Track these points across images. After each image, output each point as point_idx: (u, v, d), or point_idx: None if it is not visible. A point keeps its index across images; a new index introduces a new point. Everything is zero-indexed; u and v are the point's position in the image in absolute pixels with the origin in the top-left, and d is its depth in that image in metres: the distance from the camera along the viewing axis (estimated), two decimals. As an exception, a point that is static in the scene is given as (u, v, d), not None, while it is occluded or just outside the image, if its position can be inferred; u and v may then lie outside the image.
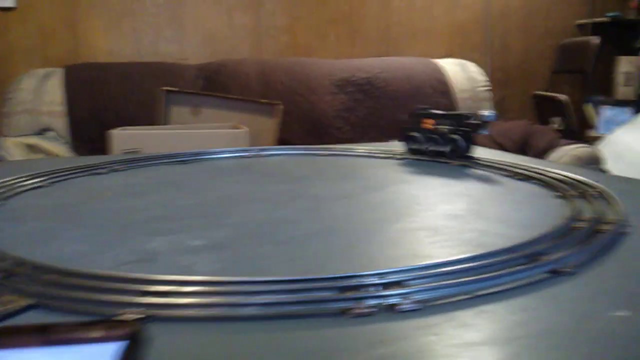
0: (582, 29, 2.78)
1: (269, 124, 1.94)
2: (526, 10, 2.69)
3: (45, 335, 0.30)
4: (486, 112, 0.86)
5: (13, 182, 0.73)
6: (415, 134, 0.93)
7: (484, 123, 0.85)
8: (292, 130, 2.09)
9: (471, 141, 0.87)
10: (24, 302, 0.36)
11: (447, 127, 0.88)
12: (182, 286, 0.38)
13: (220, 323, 0.35)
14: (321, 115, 2.12)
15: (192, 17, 2.30)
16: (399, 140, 0.98)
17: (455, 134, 0.86)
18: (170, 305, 0.36)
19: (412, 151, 0.94)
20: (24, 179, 0.75)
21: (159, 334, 0.33)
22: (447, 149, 0.87)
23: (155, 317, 0.35)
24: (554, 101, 2.33)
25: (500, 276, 0.39)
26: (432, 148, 0.89)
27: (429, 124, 0.91)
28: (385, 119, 2.17)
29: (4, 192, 0.69)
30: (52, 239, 0.52)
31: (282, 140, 2.02)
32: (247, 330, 0.34)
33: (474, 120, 0.86)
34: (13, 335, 0.30)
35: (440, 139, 0.88)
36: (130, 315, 0.34)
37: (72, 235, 0.53)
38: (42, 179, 0.75)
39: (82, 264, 0.44)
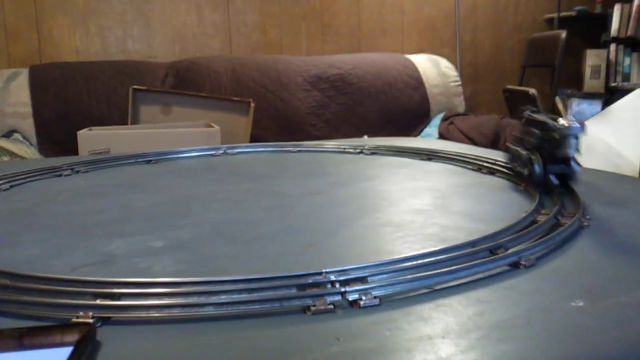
0: (550, 23, 2.83)
1: (242, 122, 1.93)
2: (495, 6, 2.73)
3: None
4: (568, 122, 0.60)
5: (-30, 185, 0.71)
6: (516, 148, 0.68)
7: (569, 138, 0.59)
8: (265, 128, 2.08)
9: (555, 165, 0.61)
10: (-29, 309, 0.35)
11: (532, 139, 0.63)
12: (139, 288, 0.37)
13: (179, 324, 0.34)
14: (294, 113, 2.11)
15: (160, 14, 2.26)
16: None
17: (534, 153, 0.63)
18: (125, 307, 0.35)
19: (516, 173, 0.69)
20: (-19, 182, 0.72)
21: (114, 337, 0.32)
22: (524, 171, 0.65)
23: (109, 320, 0.34)
24: (524, 95, 2.37)
25: (460, 270, 0.39)
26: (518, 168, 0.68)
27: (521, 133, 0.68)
28: (358, 115, 2.17)
29: (-41, 197, 0.66)
30: (6, 244, 0.50)
31: (255, 138, 2.00)
32: (207, 331, 0.33)
33: (558, 132, 0.59)
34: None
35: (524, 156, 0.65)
36: (82, 319, 0.33)
37: (28, 239, 0.51)
38: (1, 182, 0.73)
39: (37, 268, 0.43)
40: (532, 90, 2.38)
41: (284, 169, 0.88)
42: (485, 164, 0.78)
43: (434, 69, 2.27)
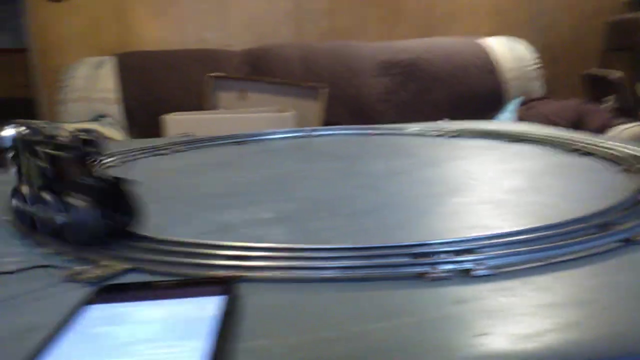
0: (631, 5, 2.66)
1: (314, 107, 1.96)
2: (575, -14, 2.60)
3: (151, 291, 0.33)
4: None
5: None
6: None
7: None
8: (337, 114, 2.10)
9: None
10: (124, 265, 0.39)
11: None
12: (262, 252, 0.40)
13: (302, 283, 0.37)
14: (365, 99, 2.12)
15: (235, 3, 2.33)
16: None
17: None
18: (253, 267, 0.38)
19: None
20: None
21: (244, 293, 0.35)
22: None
23: (241, 277, 0.37)
24: (606, 80, 2.25)
25: (574, 244, 0.40)
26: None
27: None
28: (429, 101, 2.15)
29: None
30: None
31: (328, 124, 2.03)
32: (329, 290, 0.36)
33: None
34: (123, 291, 0.33)
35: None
36: (224, 274, 0.37)
37: (150, 209, 0.56)
38: (113, 159, 0.80)
39: (166, 233, 0.47)
40: (615, 75, 2.26)
41: (367, 150, 0.90)
42: (578, 145, 0.77)
43: (509, 52, 2.20)
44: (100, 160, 0.45)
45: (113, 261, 0.40)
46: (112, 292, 0.33)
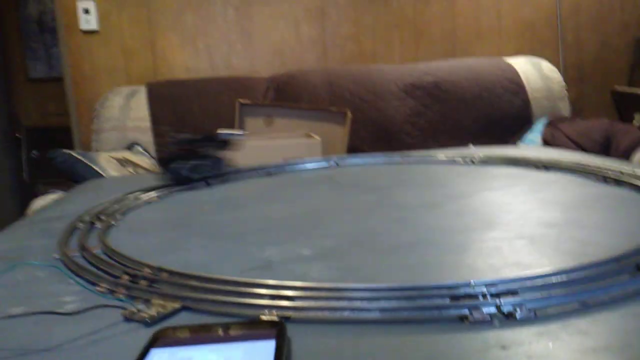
0: (662, 19, 2.63)
1: (339, 132, 1.99)
2: (599, 4, 2.59)
3: (208, 333, 0.35)
4: (225, 131, 0.94)
5: (126, 197, 0.81)
6: (178, 164, 0.89)
7: (225, 142, 0.91)
8: (362, 138, 2.12)
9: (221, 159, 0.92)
10: (175, 305, 0.42)
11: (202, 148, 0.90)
12: (307, 291, 0.42)
13: (346, 325, 0.38)
14: (390, 121, 2.14)
15: (261, 31, 2.39)
16: (169, 176, 0.92)
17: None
18: (300, 308, 0.40)
19: (177, 179, 0.89)
20: (134, 193, 0.82)
21: (293, 334, 0.37)
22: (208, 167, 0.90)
23: (288, 318, 0.39)
24: (635, 97, 2.23)
25: (610, 286, 0.40)
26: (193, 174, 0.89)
27: (183, 150, 0.91)
28: (455, 122, 2.15)
29: (121, 207, 0.76)
30: (177, 249, 0.58)
31: (352, 148, 2.05)
32: (374, 332, 0.37)
33: (217, 140, 0.91)
34: (181, 334, 0.35)
35: (201, 160, 0.89)
36: (271, 316, 0.38)
37: (193, 245, 0.59)
38: (150, 194, 0.83)
39: (210, 271, 0.49)
40: (644, 92, 2.23)
41: (397, 180, 0.91)
42: (609, 174, 0.77)
43: (535, 71, 2.20)
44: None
45: (164, 300, 0.42)
46: (171, 335, 0.35)
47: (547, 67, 2.24)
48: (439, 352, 0.34)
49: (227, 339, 0.34)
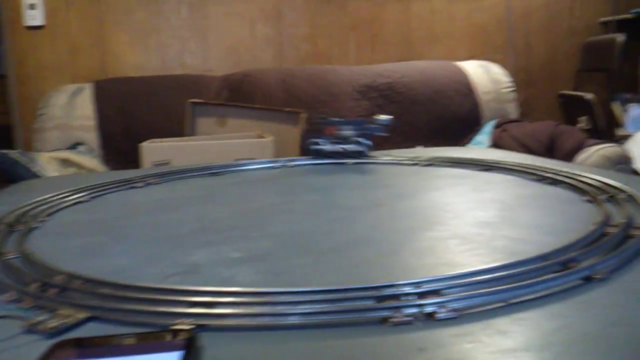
0: (606, 26, 2.74)
1: (293, 133, 1.97)
2: (549, 10, 2.67)
3: (109, 347, 0.32)
4: (382, 117, 1.02)
5: (55, 198, 0.77)
6: (319, 140, 1.02)
7: (382, 126, 1.01)
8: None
9: (372, 143, 1.02)
10: (81, 315, 0.39)
11: (349, 131, 1.01)
12: (227, 297, 0.40)
13: (266, 332, 0.36)
14: (344, 122, 2.14)
15: (216, 29, 2.35)
16: (307, 150, 1.05)
17: (357, 137, 1.00)
18: (217, 315, 0.38)
19: (316, 153, 1.02)
20: (65, 194, 0.78)
21: (208, 343, 0.35)
22: (354, 149, 1.00)
23: (204, 326, 0.37)
24: (580, 100, 2.31)
25: (534, 284, 0.40)
26: (336, 149, 1.01)
27: (331, 130, 1.02)
28: (408, 124, 2.17)
29: (48, 209, 0.72)
30: (98, 254, 0.54)
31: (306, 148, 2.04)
32: (292, 339, 0.35)
33: (372, 124, 1.01)
34: (79, 347, 0.32)
35: (344, 142, 1.01)
36: (184, 325, 0.36)
37: (117, 249, 0.55)
38: (82, 194, 0.79)
39: (130, 277, 0.46)
40: (589, 96, 2.31)
41: (343, 181, 0.90)
42: (546, 174, 0.78)
43: (485, 75, 2.25)
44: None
45: (72, 310, 0.39)
46: (68, 348, 0.33)
47: (496, 70, 2.29)
48: (356, 356, 0.33)
49: (128, 351, 0.32)
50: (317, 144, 1.02)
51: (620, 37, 2.31)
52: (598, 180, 0.71)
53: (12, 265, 0.49)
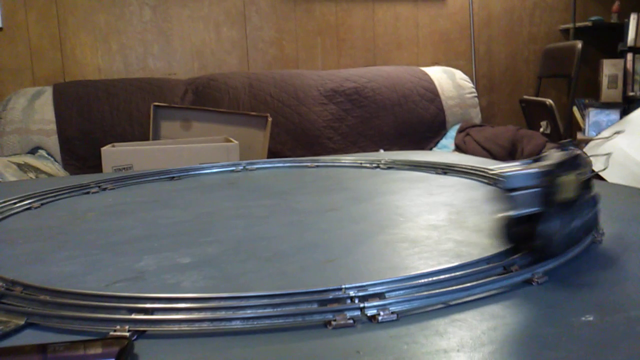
0: (565, 33, 2.83)
1: (260, 137, 1.96)
2: (509, 17, 2.74)
3: (44, 355, 0.31)
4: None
5: (5, 204, 0.74)
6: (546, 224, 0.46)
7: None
8: (283, 142, 2.11)
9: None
10: (18, 321, 0.38)
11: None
12: (169, 303, 0.39)
13: (207, 338, 0.36)
14: (311, 126, 2.14)
15: (179, 32, 2.32)
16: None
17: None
18: (158, 321, 0.37)
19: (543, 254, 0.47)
20: (14, 201, 0.76)
21: (148, 350, 0.34)
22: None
23: (144, 333, 0.36)
24: (541, 105, 2.37)
25: (475, 286, 0.41)
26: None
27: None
28: (374, 128, 2.19)
29: (-5, 215, 0.70)
30: (42, 261, 0.53)
31: (273, 152, 2.04)
32: (235, 344, 0.35)
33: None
34: (14, 356, 0.31)
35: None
36: (119, 332, 0.35)
37: (61, 256, 0.54)
38: (32, 200, 0.77)
39: (72, 284, 0.45)
40: (549, 101, 2.38)
41: (302, 185, 0.90)
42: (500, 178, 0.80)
43: (449, 80, 2.29)
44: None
45: (8, 316, 0.38)
46: (2, 355, 0.32)
47: (460, 76, 2.34)
48: (298, 359, 0.33)
49: (62, 359, 0.31)
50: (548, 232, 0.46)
51: (579, 44, 2.39)
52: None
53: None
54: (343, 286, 0.40)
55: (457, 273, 0.42)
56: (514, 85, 2.75)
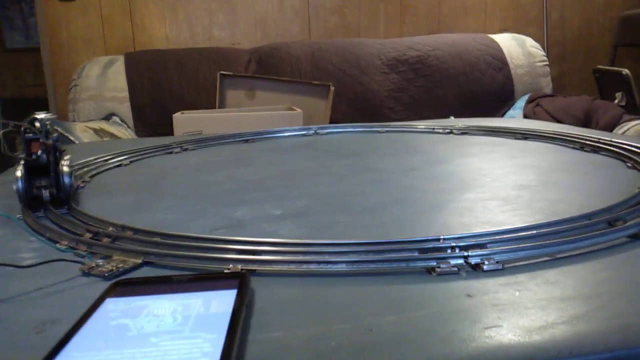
0: (646, -2, 2.63)
1: (322, 106, 1.96)
2: (585, -19, 2.58)
3: (167, 285, 0.34)
4: None
5: (96, 161, 0.79)
6: None
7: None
8: (344, 112, 2.10)
9: None
10: (136, 260, 0.40)
11: None
12: (276, 247, 0.41)
13: (314, 278, 0.37)
14: (373, 96, 2.12)
15: (243, 1, 2.34)
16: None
17: None
18: (267, 262, 0.39)
19: None
20: (105, 158, 0.80)
21: (258, 287, 0.36)
22: None
23: (254, 272, 0.38)
24: (616, 76, 2.23)
25: (580, 240, 0.40)
26: None
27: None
28: (438, 98, 2.14)
29: (89, 170, 0.74)
30: (145, 210, 0.56)
31: (334, 121, 2.04)
32: (340, 283, 0.36)
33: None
34: (139, 285, 0.34)
35: None
36: (233, 270, 0.37)
37: (161, 206, 0.57)
38: (121, 158, 0.81)
39: (178, 229, 0.48)
40: (626, 71, 2.24)
41: (376, 147, 0.90)
42: (587, 142, 0.77)
43: (518, 48, 2.19)
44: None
45: (126, 255, 0.41)
46: (129, 286, 0.34)
47: (530, 44, 2.23)
48: (405, 300, 0.34)
49: (186, 289, 0.33)
50: None
51: (661, 9, 2.22)
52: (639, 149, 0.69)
53: (63, 218, 0.51)
54: (442, 237, 0.41)
55: (560, 227, 0.42)
56: (587, 54, 2.60)
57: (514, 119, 1.79)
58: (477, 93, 2.12)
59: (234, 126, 1.59)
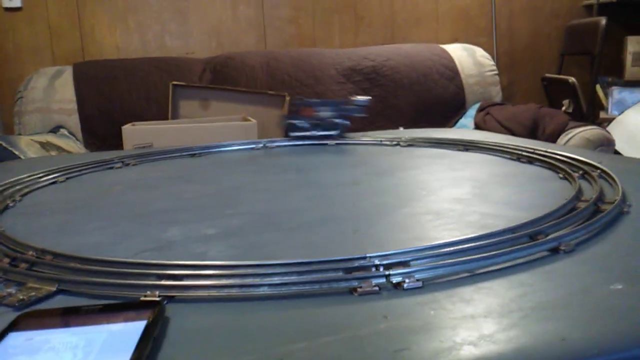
0: (589, 9, 2.75)
1: (277, 116, 1.96)
2: (532, -7, 2.67)
3: (74, 316, 0.32)
4: (360, 98, 1.06)
5: (30, 178, 0.76)
6: (296, 121, 1.04)
7: (360, 107, 1.05)
8: (300, 121, 2.10)
9: (349, 123, 1.05)
10: (50, 288, 0.38)
11: (326, 112, 1.03)
12: (198, 270, 0.40)
13: (236, 303, 0.37)
14: (328, 105, 2.13)
15: (197, 11, 2.31)
16: (285, 131, 1.07)
17: (334, 118, 1.02)
18: (187, 287, 0.38)
19: (295, 136, 1.04)
20: (39, 175, 0.77)
21: (176, 314, 0.35)
22: (333, 131, 1.02)
23: (173, 299, 0.37)
24: (563, 83, 2.32)
25: (500, 255, 0.41)
26: (318, 133, 1.03)
27: (309, 112, 1.03)
28: (392, 107, 2.17)
29: (22, 188, 0.71)
30: (71, 232, 0.54)
31: (290, 131, 2.03)
32: (262, 308, 0.36)
33: (350, 105, 1.04)
34: (45, 318, 0.32)
35: (322, 122, 1.02)
36: (149, 297, 0.36)
37: (89, 227, 0.55)
38: (56, 174, 0.78)
39: (101, 253, 0.46)
40: (572, 79, 2.33)
41: (322, 161, 0.90)
42: (523, 153, 0.79)
43: (469, 58, 2.25)
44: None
45: (40, 283, 0.39)
46: (34, 318, 0.33)
47: (480, 54, 2.29)
48: (324, 324, 0.33)
49: (95, 321, 0.32)
50: (294, 125, 1.02)
51: (603, 20, 2.33)
52: (574, 159, 0.72)
53: (-18, 243, 0.49)
54: (367, 255, 0.41)
55: (483, 242, 0.42)
56: (535, 63, 2.70)
57: (459, 129, 1.83)
58: (430, 102, 2.16)
59: (186, 137, 1.56)
